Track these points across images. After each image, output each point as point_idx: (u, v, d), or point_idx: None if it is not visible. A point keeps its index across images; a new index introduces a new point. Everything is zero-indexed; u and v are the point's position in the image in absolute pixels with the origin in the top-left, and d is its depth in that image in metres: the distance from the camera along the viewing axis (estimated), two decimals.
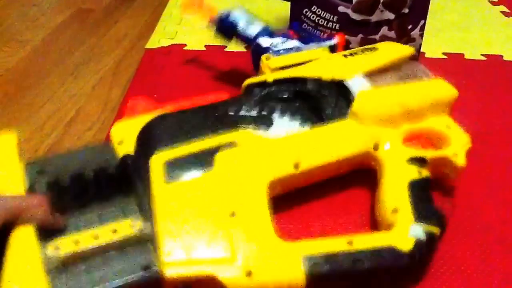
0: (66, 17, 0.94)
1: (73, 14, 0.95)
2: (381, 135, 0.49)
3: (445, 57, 0.83)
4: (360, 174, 0.51)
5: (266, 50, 0.62)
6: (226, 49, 0.82)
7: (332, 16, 0.75)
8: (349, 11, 0.74)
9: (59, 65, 0.78)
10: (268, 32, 0.67)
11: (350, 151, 0.48)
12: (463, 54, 0.84)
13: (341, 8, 0.74)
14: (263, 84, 0.53)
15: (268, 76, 0.54)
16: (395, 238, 0.41)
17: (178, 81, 0.73)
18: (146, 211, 0.39)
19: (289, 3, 0.78)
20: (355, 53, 0.58)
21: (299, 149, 0.46)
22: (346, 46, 0.76)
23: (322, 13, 0.75)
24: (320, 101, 0.51)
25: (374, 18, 0.75)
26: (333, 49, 0.64)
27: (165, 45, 0.83)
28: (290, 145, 0.46)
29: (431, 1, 0.75)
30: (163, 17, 0.94)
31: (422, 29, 0.76)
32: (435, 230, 0.42)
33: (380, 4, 0.74)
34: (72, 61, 0.79)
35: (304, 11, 0.76)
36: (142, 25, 0.91)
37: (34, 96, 0.70)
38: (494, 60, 0.83)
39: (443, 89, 0.54)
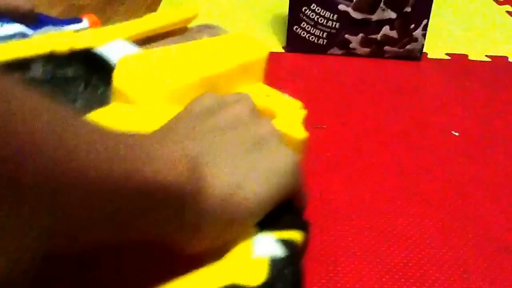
0: (58, 13, 0.92)
1: (65, 10, 0.94)
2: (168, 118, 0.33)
3: (448, 58, 0.81)
4: None
5: None
6: None
7: (332, 15, 0.74)
8: (349, 10, 0.73)
9: None
10: None
11: None
12: (467, 55, 0.82)
13: (341, 7, 0.73)
14: None
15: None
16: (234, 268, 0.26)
17: None
18: None
19: (287, 1, 0.77)
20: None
21: None
22: (346, 46, 0.75)
23: (322, 12, 0.74)
24: (61, 88, 0.36)
25: (375, 17, 0.74)
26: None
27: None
28: None
29: (434, 0, 0.74)
30: None
31: (425, 28, 0.75)
32: (295, 235, 0.28)
33: (382, 3, 0.73)
34: None
35: (303, 9, 0.75)
36: None
37: None
38: (499, 62, 0.81)
39: (247, 45, 0.40)
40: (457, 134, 0.61)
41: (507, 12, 1.00)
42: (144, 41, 0.41)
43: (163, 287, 0.24)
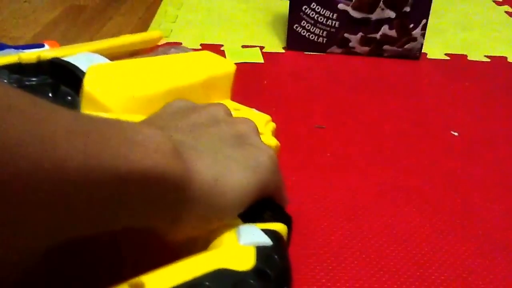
0: (58, 13, 0.92)
1: (65, 10, 0.94)
2: None
3: (447, 58, 0.81)
4: None
5: None
6: (222, 48, 0.80)
7: (331, 14, 0.74)
8: (349, 9, 0.73)
9: None
10: None
11: None
12: (466, 55, 0.82)
13: (341, 6, 0.74)
14: None
15: None
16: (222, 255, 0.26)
17: None
18: None
19: (288, 1, 0.77)
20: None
21: None
22: (345, 44, 0.75)
23: (322, 11, 0.74)
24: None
25: (374, 16, 0.74)
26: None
27: (159, 43, 0.81)
28: None
29: (433, 0, 0.74)
30: (157, 15, 0.93)
31: (424, 28, 0.76)
32: (278, 227, 0.29)
33: (381, 2, 0.73)
34: None
35: (303, 8, 0.75)
36: (136, 23, 0.90)
37: None
38: (498, 62, 0.81)
39: (214, 62, 0.42)
40: (456, 134, 0.61)
41: (506, 12, 1.00)
42: (111, 59, 0.40)
43: (150, 274, 0.24)
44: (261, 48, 0.80)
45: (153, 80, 0.36)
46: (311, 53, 0.79)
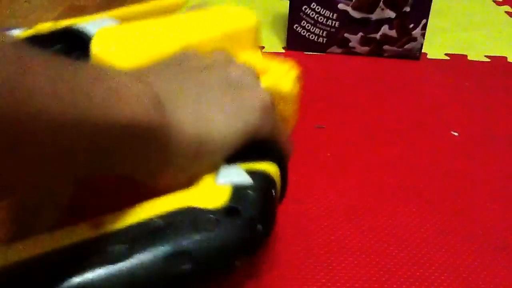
0: (58, 13, 0.92)
1: (65, 10, 0.93)
2: None
3: (447, 58, 0.81)
4: None
5: None
6: None
7: (331, 14, 0.74)
8: (349, 9, 0.73)
9: None
10: None
11: None
12: (466, 56, 0.82)
13: (341, 6, 0.74)
14: None
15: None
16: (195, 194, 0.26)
17: None
18: None
19: (288, 1, 0.77)
20: None
21: None
22: (345, 44, 0.74)
23: (322, 11, 0.74)
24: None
25: (374, 16, 0.74)
26: None
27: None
28: None
29: (433, 0, 0.74)
30: None
31: (424, 28, 0.76)
32: (267, 167, 0.28)
33: (381, 2, 0.73)
34: None
35: (303, 8, 0.75)
36: None
37: None
38: (498, 62, 0.81)
39: (234, 15, 0.40)
40: (456, 134, 0.61)
41: (506, 12, 1.00)
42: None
43: (112, 214, 0.24)
44: (261, 48, 0.80)
45: (165, 38, 0.35)
46: (311, 53, 0.79)
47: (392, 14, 0.74)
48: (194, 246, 0.23)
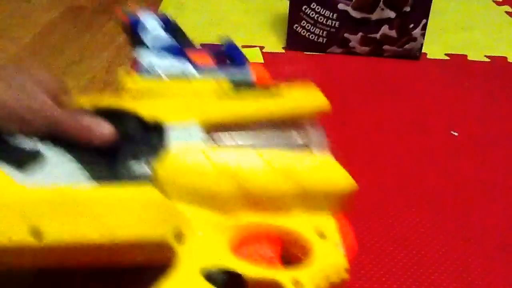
0: (58, 14, 0.92)
1: (65, 11, 0.94)
2: (191, 221, 0.31)
3: (447, 58, 0.81)
4: None
5: (140, 66, 0.49)
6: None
7: (331, 14, 0.74)
8: (349, 9, 0.73)
9: (50, 63, 0.76)
10: (168, 49, 0.53)
11: (133, 232, 0.30)
12: (466, 56, 0.82)
13: (341, 6, 0.74)
14: None
15: (86, 101, 0.40)
16: None
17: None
18: None
19: (288, 1, 0.77)
20: (242, 92, 0.40)
21: (46, 211, 0.29)
22: (345, 44, 0.74)
23: (322, 10, 0.75)
24: (118, 150, 0.35)
25: (374, 16, 0.74)
26: (244, 83, 0.52)
27: None
28: (38, 200, 0.29)
29: (433, 0, 0.74)
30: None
31: (424, 28, 0.76)
32: None
33: (381, 2, 0.73)
34: (64, 59, 0.77)
35: (303, 8, 0.75)
36: None
37: None
38: (498, 62, 0.81)
39: (330, 174, 0.35)
40: (456, 134, 0.61)
41: (506, 12, 1.00)
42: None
43: None
44: (261, 48, 0.80)
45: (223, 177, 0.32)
46: (311, 53, 0.79)
47: (392, 14, 0.74)
48: None
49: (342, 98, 0.68)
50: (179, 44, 0.54)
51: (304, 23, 0.76)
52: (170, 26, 0.57)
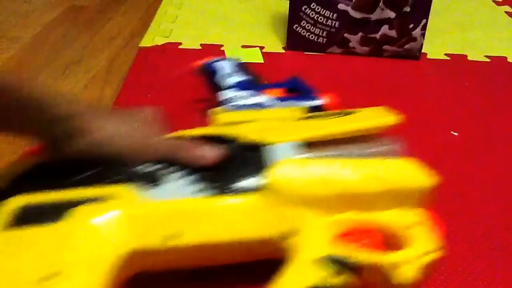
0: (58, 14, 0.92)
1: (65, 11, 0.94)
2: (302, 221, 0.38)
3: (447, 58, 0.81)
4: None
5: (224, 102, 0.57)
6: (222, 48, 0.80)
7: (331, 14, 0.74)
8: (349, 9, 0.73)
9: (50, 63, 0.76)
10: (244, 86, 0.61)
11: (251, 233, 0.37)
12: (466, 56, 0.82)
13: (341, 6, 0.74)
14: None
15: (187, 131, 0.46)
16: None
17: (172, 81, 0.71)
18: None
19: (288, 1, 0.77)
20: (322, 116, 0.46)
21: (178, 220, 0.37)
22: (345, 44, 0.74)
23: (322, 11, 0.75)
24: (232, 167, 0.41)
25: (374, 16, 0.74)
26: (318, 109, 0.57)
27: (159, 44, 0.82)
28: (168, 212, 0.37)
29: (433, 1, 0.74)
30: (157, 15, 0.93)
31: (424, 28, 0.76)
32: None
33: (381, 2, 0.73)
34: (64, 59, 0.77)
35: (303, 8, 0.75)
36: (136, 23, 0.90)
37: None
38: (498, 62, 0.81)
39: (412, 175, 0.40)
40: (456, 134, 0.61)
41: (506, 12, 1.00)
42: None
43: None
44: (261, 48, 0.80)
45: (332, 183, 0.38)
46: (311, 53, 0.79)
47: (392, 14, 0.74)
48: None
49: (341, 98, 0.68)
50: (253, 81, 0.62)
51: (304, 23, 0.76)
52: (240, 67, 0.64)
